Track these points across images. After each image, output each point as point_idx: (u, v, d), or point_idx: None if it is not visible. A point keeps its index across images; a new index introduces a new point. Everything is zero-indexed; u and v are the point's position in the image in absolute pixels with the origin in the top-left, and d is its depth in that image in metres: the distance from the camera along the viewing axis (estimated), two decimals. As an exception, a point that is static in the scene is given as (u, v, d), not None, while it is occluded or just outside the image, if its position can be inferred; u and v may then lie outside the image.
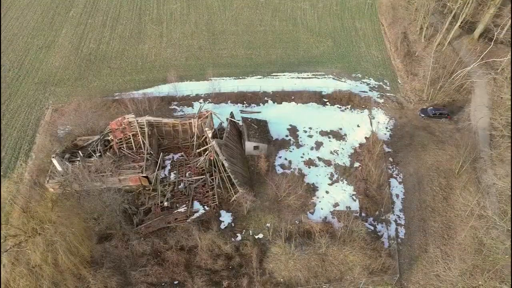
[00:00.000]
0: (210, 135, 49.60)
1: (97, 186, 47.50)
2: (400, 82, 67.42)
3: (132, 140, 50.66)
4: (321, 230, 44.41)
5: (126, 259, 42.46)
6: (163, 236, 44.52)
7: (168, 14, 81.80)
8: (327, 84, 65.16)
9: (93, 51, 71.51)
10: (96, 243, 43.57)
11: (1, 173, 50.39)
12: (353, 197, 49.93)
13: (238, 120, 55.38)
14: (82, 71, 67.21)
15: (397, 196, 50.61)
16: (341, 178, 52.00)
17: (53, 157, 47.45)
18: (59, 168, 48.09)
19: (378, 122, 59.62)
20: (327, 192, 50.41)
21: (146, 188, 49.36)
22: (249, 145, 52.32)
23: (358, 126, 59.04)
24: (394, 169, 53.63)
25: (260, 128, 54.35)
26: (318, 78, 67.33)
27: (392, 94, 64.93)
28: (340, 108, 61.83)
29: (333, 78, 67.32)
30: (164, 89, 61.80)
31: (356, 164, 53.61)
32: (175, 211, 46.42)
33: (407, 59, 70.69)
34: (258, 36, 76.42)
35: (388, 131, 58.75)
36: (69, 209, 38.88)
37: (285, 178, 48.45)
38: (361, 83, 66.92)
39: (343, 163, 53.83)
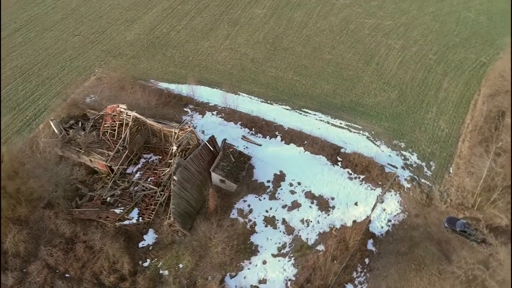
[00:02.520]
0: (174, 150, 47.64)
1: (73, 157, 51.75)
2: (451, 171, 51.52)
3: (116, 129, 52.53)
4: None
5: (49, 233, 44.98)
6: (87, 228, 45.32)
7: (248, 18, 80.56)
8: (354, 141, 54.56)
9: (161, 35, 76.10)
10: (43, 207, 47.38)
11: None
12: (288, 283, 41.22)
13: (227, 147, 51.20)
14: (141, 51, 72.42)
15: (342, 309, 39.68)
16: (291, 255, 43.45)
17: (51, 120, 53.16)
18: (55, 130, 53.62)
19: (384, 210, 47.22)
20: (264, 262, 42.91)
21: (107, 177, 50.89)
22: (214, 176, 48.23)
23: (355, 204, 47.96)
24: (362, 275, 41.87)
25: (237, 163, 49.30)
26: (350, 131, 56.78)
27: (428, 183, 50.19)
28: (350, 174, 51.10)
29: (367, 137, 55.83)
30: (185, 89, 61.62)
31: (320, 248, 43.89)
32: (111, 210, 46.68)
33: (481, 146, 53.15)
34: (318, 64, 68.61)
35: (389, 225, 45.96)
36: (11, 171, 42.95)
37: (225, 226, 43.24)
38: (397, 154, 53.66)
39: (306, 239, 44.73)
